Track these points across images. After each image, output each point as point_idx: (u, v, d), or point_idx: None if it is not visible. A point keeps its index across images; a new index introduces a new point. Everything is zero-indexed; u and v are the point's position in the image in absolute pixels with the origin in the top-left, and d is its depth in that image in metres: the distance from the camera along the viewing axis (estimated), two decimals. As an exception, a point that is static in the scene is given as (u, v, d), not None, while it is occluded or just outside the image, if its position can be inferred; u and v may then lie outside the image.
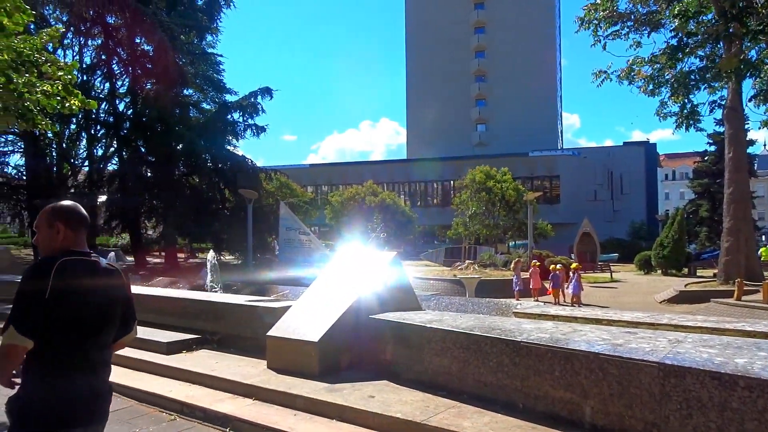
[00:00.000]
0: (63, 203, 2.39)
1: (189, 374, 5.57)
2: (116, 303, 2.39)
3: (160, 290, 9.38)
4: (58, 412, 2.14)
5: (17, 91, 5.21)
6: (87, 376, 2.24)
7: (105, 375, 2.36)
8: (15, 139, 25.02)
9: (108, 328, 2.35)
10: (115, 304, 2.39)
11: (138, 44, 25.33)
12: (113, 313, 2.38)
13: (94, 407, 2.27)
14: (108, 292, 2.34)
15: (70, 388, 2.17)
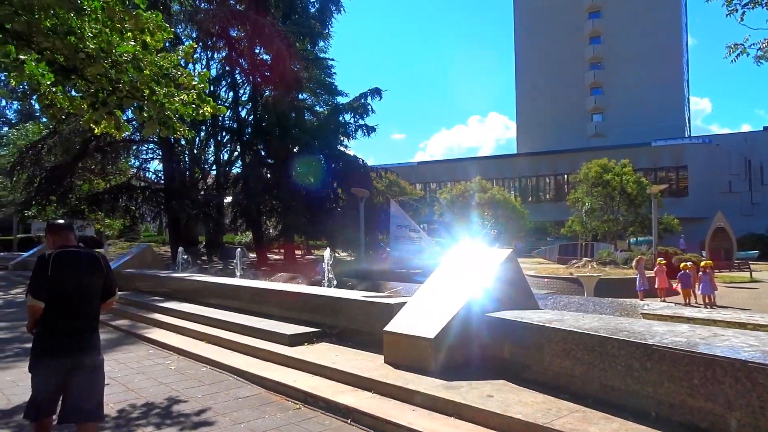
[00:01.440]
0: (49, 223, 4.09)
1: (311, 366, 5.83)
2: (96, 275, 3.78)
3: (281, 285, 9.93)
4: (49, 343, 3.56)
5: (159, 101, 5.80)
6: (71, 320, 3.61)
7: (90, 319, 3.74)
8: (155, 147, 27.75)
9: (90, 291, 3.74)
10: (95, 276, 3.78)
11: (257, 54, 26.96)
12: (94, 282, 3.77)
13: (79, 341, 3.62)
14: (86, 266, 3.74)
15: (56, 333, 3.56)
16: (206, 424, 4.63)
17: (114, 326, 9.45)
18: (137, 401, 5.29)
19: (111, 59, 5.57)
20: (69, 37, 5.20)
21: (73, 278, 3.65)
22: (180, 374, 6.30)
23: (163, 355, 7.39)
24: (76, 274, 3.67)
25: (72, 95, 7.28)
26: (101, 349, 3.82)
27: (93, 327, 3.76)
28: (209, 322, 8.48)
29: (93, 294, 3.77)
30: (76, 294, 3.66)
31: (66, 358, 3.55)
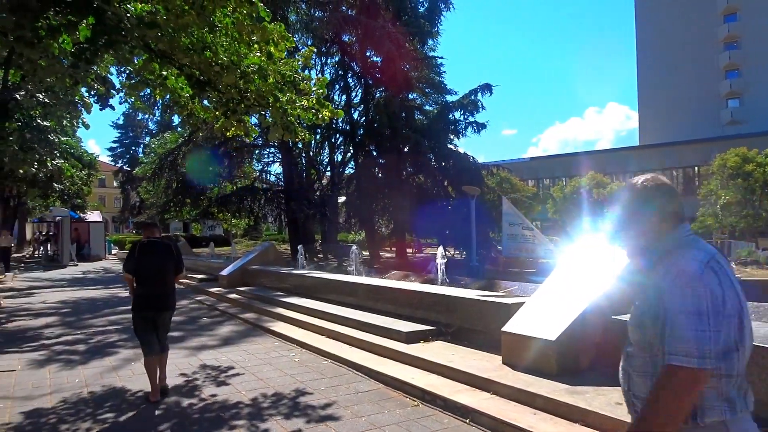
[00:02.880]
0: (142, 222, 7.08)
1: (428, 364, 5.87)
2: (169, 257, 5.50)
3: (396, 283, 10.08)
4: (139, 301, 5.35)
5: (282, 107, 6.17)
6: (153, 291, 5.37)
7: (166, 291, 5.48)
8: (275, 151, 29.44)
9: (163, 268, 5.46)
10: (169, 257, 5.50)
11: (369, 57, 27.61)
12: (167, 263, 5.49)
13: (160, 302, 5.44)
14: (163, 252, 5.48)
15: (145, 295, 5.34)
16: (330, 416, 4.82)
17: (242, 319, 10.14)
18: (267, 391, 5.64)
19: (240, 70, 6.01)
20: (205, 52, 5.68)
21: (152, 260, 5.41)
22: (304, 366, 6.62)
23: (287, 347, 7.81)
24: (154, 257, 5.43)
25: (206, 105, 7.95)
26: (233, 339, 4.48)
27: (168, 292, 5.53)
28: (328, 317, 8.83)
29: (167, 270, 5.53)
30: (154, 270, 5.43)
31: (151, 311, 5.42)
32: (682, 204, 1.75)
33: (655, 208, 1.70)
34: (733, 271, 1.60)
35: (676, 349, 1.50)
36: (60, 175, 22.34)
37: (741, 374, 1.57)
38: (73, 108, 12.61)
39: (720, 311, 1.50)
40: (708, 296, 1.50)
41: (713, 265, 1.56)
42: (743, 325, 1.54)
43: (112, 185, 66.78)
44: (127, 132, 63.78)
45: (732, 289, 1.54)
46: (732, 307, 1.52)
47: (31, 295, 14.52)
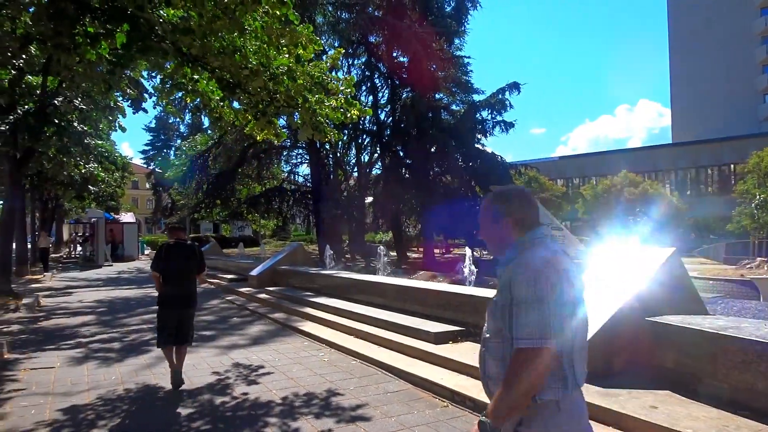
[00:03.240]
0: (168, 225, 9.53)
1: (456, 364, 5.85)
2: (192, 258, 6.00)
3: (424, 283, 10.07)
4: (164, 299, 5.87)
5: (311, 108, 6.23)
6: (178, 289, 5.86)
7: (189, 289, 5.97)
8: (303, 152, 29.73)
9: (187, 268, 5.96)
10: (192, 258, 6.00)
11: (395, 57, 27.63)
12: (190, 262, 5.99)
13: (183, 299, 5.90)
14: (186, 253, 5.97)
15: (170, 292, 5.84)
16: (360, 416, 4.84)
17: (272, 318, 10.26)
18: (298, 390, 5.69)
19: (270, 72, 6.09)
20: (235, 55, 5.77)
21: (177, 259, 5.92)
22: (333, 366, 6.67)
23: (316, 347, 7.87)
24: (179, 258, 5.93)
25: (236, 108, 8.08)
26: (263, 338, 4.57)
27: (190, 290, 6.03)
28: (356, 317, 8.87)
29: (190, 270, 6.05)
30: (179, 270, 5.93)
31: (175, 308, 5.88)
32: (536, 210, 2.01)
33: (509, 214, 1.96)
34: (577, 266, 1.88)
35: (521, 334, 1.70)
36: (95, 177, 22.95)
37: (570, 355, 1.79)
38: (110, 112, 12.97)
39: (558, 300, 1.72)
40: (548, 287, 1.72)
41: (554, 262, 1.80)
42: (576, 312, 1.80)
43: (145, 187, 68.27)
44: (159, 135, 65.19)
45: (568, 282, 1.79)
46: (568, 296, 1.76)
47: (69, 294, 14.95)
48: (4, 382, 6.04)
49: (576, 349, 1.81)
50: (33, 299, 12.61)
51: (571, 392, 1.79)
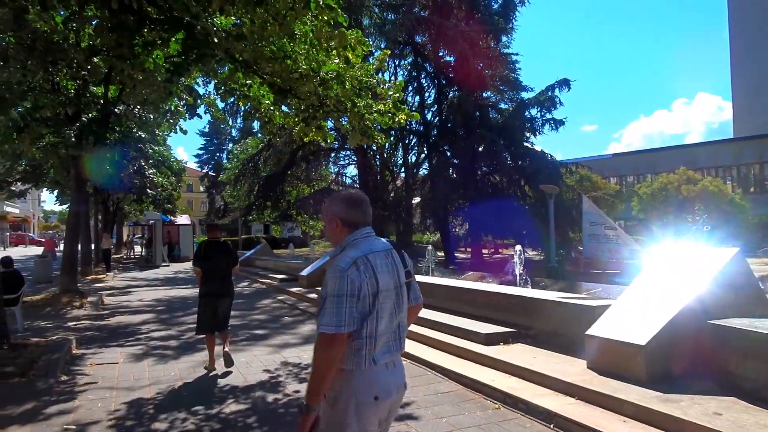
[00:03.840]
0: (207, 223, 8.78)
1: (508, 366, 5.77)
2: (227, 254, 6.65)
3: (473, 284, 9.98)
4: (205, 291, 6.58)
5: (360, 112, 6.29)
6: (216, 282, 6.54)
7: (225, 282, 6.63)
8: (350, 153, 30.00)
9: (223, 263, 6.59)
10: (227, 254, 6.65)
11: (442, 57, 27.49)
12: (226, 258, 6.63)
13: (221, 290, 6.60)
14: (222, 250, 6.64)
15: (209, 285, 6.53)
16: (410, 415, 4.85)
17: (322, 318, 10.40)
18: (347, 388, 5.75)
19: (319, 77, 6.19)
20: (286, 60, 5.90)
21: (215, 256, 6.57)
22: (382, 366, 6.70)
23: (365, 346, 7.93)
24: (216, 254, 6.59)
25: (285, 112, 8.25)
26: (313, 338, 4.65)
27: (226, 282, 6.71)
28: (405, 317, 8.87)
29: (226, 264, 6.71)
30: (217, 264, 6.59)
31: (214, 298, 6.57)
32: (361, 213, 2.29)
33: (337, 215, 2.28)
34: (390, 262, 2.24)
35: (323, 322, 2.05)
36: (153, 182, 23.90)
37: (370, 337, 2.13)
38: (171, 116, 13.51)
39: (354, 294, 2.06)
40: (347, 283, 2.05)
41: (360, 262, 2.11)
42: (375, 304, 2.12)
43: (199, 190, 70.51)
44: (212, 139, 67.21)
45: (372, 278, 2.11)
46: (366, 291, 2.09)
47: (129, 293, 15.63)
48: (74, 376, 6.38)
49: (379, 332, 2.16)
50: (97, 298, 13.24)
51: (365, 367, 2.14)
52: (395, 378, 2.28)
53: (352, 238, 2.26)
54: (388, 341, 2.23)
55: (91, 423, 4.78)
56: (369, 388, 2.16)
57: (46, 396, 5.52)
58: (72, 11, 7.31)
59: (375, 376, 2.18)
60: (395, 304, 2.25)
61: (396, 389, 2.27)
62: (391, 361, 2.28)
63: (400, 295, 2.30)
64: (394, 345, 2.27)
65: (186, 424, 4.75)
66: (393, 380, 2.26)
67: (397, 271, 2.30)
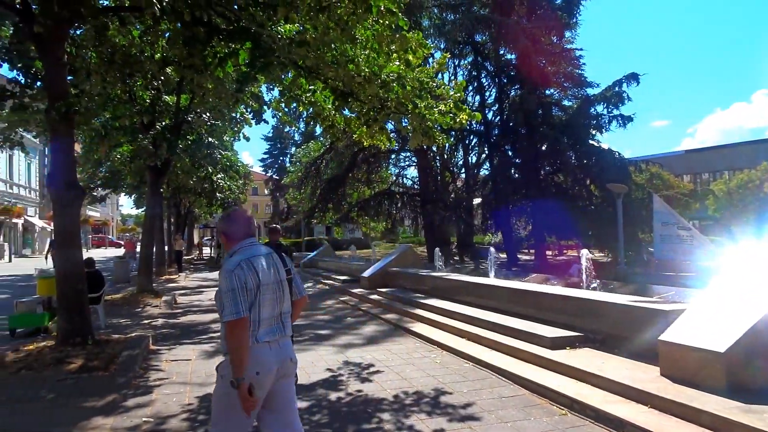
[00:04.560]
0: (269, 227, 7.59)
1: (575, 371, 5.61)
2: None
3: (537, 286, 9.76)
4: None
5: (421, 114, 6.32)
6: None
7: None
8: (410, 155, 30.07)
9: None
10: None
11: (502, 55, 27.07)
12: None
13: None
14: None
15: None
16: (473, 418, 4.82)
17: (384, 319, 10.49)
18: (409, 389, 5.78)
19: (381, 80, 6.26)
20: (348, 65, 6.00)
21: None
22: (445, 368, 6.68)
23: (428, 348, 7.93)
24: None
25: (347, 115, 8.39)
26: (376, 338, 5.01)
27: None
28: (467, 319, 8.81)
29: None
30: None
31: None
32: (243, 227, 3.00)
33: (224, 230, 3.02)
34: (271, 262, 2.95)
35: (225, 312, 2.67)
36: (221, 185, 24.89)
37: (254, 322, 2.76)
38: (236, 123, 14.06)
39: (243, 287, 2.71)
40: (236, 280, 2.71)
41: (243, 264, 2.78)
42: (258, 296, 2.78)
43: (264, 193, 72.80)
44: (276, 143, 69.09)
45: (254, 275, 2.77)
46: (251, 285, 2.75)
47: (200, 293, 16.32)
48: (151, 371, 6.74)
49: (262, 318, 2.81)
50: (171, 297, 13.93)
51: (252, 345, 2.74)
52: (278, 355, 2.88)
53: (238, 246, 2.94)
54: (271, 325, 2.88)
55: (167, 416, 5.03)
56: (252, 365, 2.73)
57: (125, 389, 5.86)
58: (147, 26, 7.74)
59: (258, 353, 2.77)
60: (276, 296, 2.92)
61: (278, 365, 2.87)
62: (275, 341, 2.89)
63: (280, 288, 2.98)
64: (278, 329, 2.92)
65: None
66: (275, 357, 2.86)
67: (278, 269, 2.99)
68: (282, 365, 2.90)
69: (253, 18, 5.60)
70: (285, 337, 2.97)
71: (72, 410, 5.14)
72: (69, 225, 7.27)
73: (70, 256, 7.23)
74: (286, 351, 2.95)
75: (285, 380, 3.00)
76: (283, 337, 2.95)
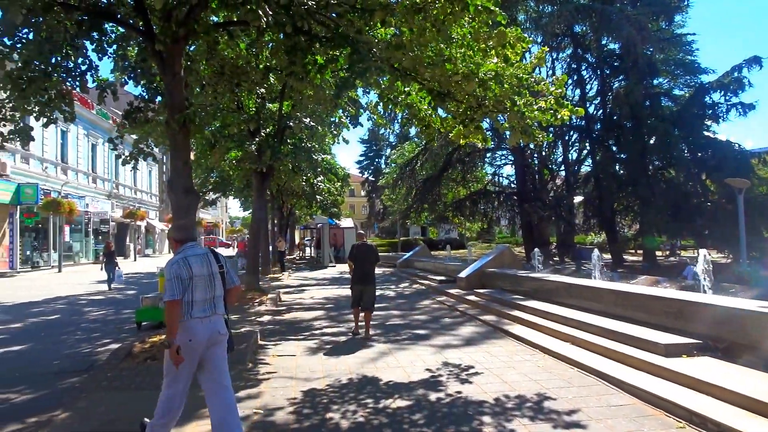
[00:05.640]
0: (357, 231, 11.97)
1: (693, 381, 5.20)
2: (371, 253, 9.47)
3: (647, 289, 9.17)
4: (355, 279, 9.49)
5: (520, 111, 6.14)
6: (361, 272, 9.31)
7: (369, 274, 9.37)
8: (506, 153, 29.42)
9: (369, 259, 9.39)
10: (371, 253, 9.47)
11: (605, 45, 25.72)
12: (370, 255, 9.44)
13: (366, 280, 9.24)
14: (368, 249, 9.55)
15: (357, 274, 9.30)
16: (578, 426, 4.62)
17: (482, 320, 10.34)
18: (511, 393, 5.65)
19: (478, 78, 6.17)
20: (445, 65, 5.98)
21: (362, 254, 9.18)
22: (548, 373, 6.46)
23: (528, 351, 7.71)
24: (363, 253, 9.21)
25: (443, 116, 8.37)
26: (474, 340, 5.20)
27: (370, 274, 9.17)
28: (570, 322, 8.46)
29: (370, 260, 9.29)
30: (363, 260, 9.15)
31: (361, 285, 9.06)
32: (185, 233, 4.15)
33: (171, 235, 4.19)
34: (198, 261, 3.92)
35: (165, 295, 3.69)
36: (321, 188, 25.80)
37: (188, 303, 3.78)
38: (335, 127, 14.53)
39: (180, 276, 3.74)
40: (174, 272, 3.74)
41: (180, 261, 3.82)
42: (190, 284, 3.79)
43: (360, 194, 74.39)
44: (371, 146, 70.31)
45: (188, 269, 3.80)
46: (185, 276, 3.77)
47: (302, 291, 17.00)
48: (259, 365, 7.12)
49: (195, 300, 3.82)
50: (275, 295, 14.62)
51: (185, 320, 3.76)
52: (208, 328, 3.87)
53: (181, 248, 4.04)
54: (203, 306, 3.88)
55: (274, 409, 5.29)
56: (186, 334, 3.76)
57: (236, 381, 6.20)
58: (253, 38, 8.19)
59: (192, 326, 3.80)
60: (207, 285, 3.92)
61: (208, 335, 3.86)
62: (207, 317, 3.88)
63: (212, 279, 3.97)
64: (209, 308, 3.92)
65: (356, 416, 5.04)
66: (205, 330, 3.85)
67: (210, 264, 3.99)
68: (211, 336, 3.87)
69: (351, 24, 5.74)
70: (216, 315, 3.95)
71: (190, 399, 5.54)
72: (187, 227, 7.82)
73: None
74: (216, 325, 3.92)
75: (215, 348, 3.94)
76: (214, 314, 3.94)
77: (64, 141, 31.48)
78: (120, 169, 39.37)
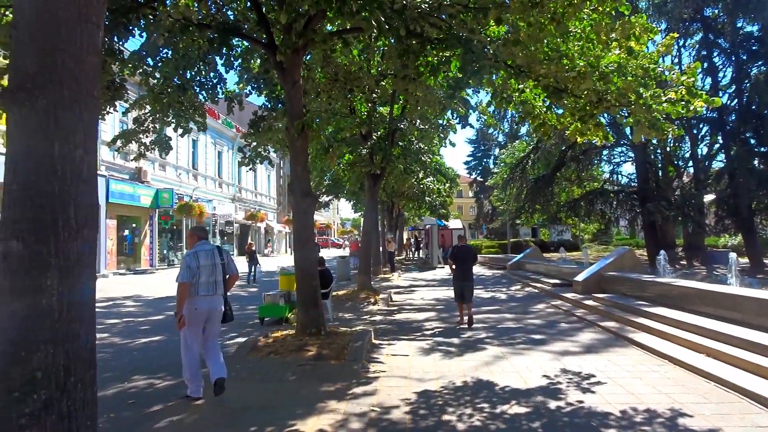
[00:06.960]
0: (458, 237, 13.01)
1: None
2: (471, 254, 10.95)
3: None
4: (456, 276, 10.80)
5: (646, 104, 5.74)
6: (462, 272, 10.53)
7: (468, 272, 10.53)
8: (625, 150, 27.64)
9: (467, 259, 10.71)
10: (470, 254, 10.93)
11: (740, 28, 23.33)
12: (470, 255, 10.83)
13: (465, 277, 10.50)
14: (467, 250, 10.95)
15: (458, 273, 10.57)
16: (720, 445, 4.23)
17: (602, 327, 9.80)
18: (638, 406, 5.30)
19: (598, 72, 5.86)
20: (562, 60, 5.75)
21: (461, 254, 10.48)
22: (679, 386, 5.98)
23: (655, 362, 7.19)
24: (463, 253, 10.52)
25: (557, 113, 8.05)
26: (594, 347, 5.70)
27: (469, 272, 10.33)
28: (703, 332, 7.77)
29: (469, 261, 10.40)
30: (462, 260, 10.33)
31: (459, 281, 10.25)
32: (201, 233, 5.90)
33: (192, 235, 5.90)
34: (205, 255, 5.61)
35: (178, 277, 5.40)
36: (430, 189, 25.90)
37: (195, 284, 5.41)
38: (443, 129, 14.54)
39: (190, 265, 5.42)
40: (187, 262, 5.45)
41: (192, 254, 5.52)
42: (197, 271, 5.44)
43: (468, 195, 73.69)
44: (479, 146, 69.30)
45: (196, 260, 5.46)
46: (194, 265, 5.43)
47: (412, 291, 17.16)
48: (373, 363, 7.29)
49: (200, 282, 5.40)
50: (387, 295, 14.89)
51: (193, 297, 5.38)
52: (209, 304, 5.48)
53: (196, 244, 5.61)
54: (207, 287, 5.43)
55: (390, 407, 5.37)
56: (192, 305, 5.37)
57: (353, 378, 6.42)
58: (365, 44, 8.41)
59: (198, 300, 5.39)
60: (210, 272, 5.47)
61: (208, 309, 5.48)
62: (209, 295, 5.46)
63: (214, 267, 5.51)
64: (211, 288, 5.47)
65: (473, 419, 4.98)
66: (206, 304, 5.46)
67: (214, 257, 5.54)
68: (210, 309, 5.50)
69: (464, 24, 5.70)
70: (216, 295, 5.53)
71: (311, 392, 5.81)
72: (306, 228, 8.25)
73: (307, 255, 8.18)
74: (214, 303, 5.53)
75: (212, 320, 5.57)
76: (215, 295, 5.51)
77: (195, 149, 34.40)
78: (242, 174, 42.23)
